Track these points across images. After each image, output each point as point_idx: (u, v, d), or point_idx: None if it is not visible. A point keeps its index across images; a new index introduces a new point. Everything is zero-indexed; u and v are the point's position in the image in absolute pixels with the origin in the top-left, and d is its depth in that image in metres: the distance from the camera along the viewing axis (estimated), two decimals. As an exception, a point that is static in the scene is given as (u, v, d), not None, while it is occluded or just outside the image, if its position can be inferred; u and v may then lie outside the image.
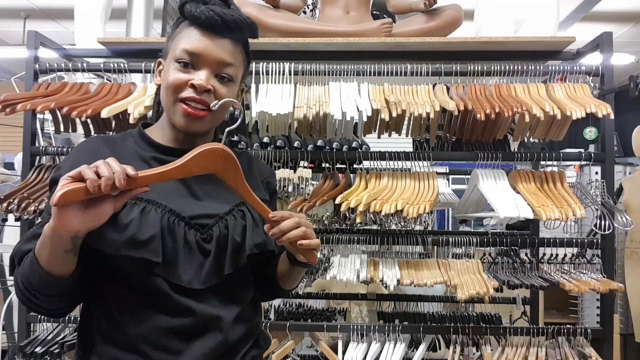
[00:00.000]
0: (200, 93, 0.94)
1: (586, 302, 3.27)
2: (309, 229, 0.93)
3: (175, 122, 0.97)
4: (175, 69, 0.95)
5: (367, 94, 1.92)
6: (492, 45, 2.05)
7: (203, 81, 0.93)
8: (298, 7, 2.20)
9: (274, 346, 1.98)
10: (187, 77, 0.94)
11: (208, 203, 0.98)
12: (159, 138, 1.01)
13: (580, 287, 1.81)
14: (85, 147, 0.98)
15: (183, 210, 0.94)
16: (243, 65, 1.02)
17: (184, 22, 0.98)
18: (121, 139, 1.02)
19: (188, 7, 0.95)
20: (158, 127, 1.04)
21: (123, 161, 0.88)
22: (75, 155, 0.96)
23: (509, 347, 1.95)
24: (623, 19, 5.01)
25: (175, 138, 1.01)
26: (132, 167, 0.80)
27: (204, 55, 0.94)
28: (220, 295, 0.97)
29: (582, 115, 1.77)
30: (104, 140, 1.01)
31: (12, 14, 5.28)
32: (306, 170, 1.96)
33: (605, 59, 1.97)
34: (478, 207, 2.19)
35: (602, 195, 1.96)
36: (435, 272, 1.96)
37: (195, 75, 0.94)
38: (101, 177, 0.75)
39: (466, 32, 2.07)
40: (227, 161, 0.88)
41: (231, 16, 0.95)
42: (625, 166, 3.65)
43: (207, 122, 0.98)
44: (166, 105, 0.98)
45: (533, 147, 2.37)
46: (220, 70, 0.96)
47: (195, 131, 0.98)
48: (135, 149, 0.99)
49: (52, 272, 0.83)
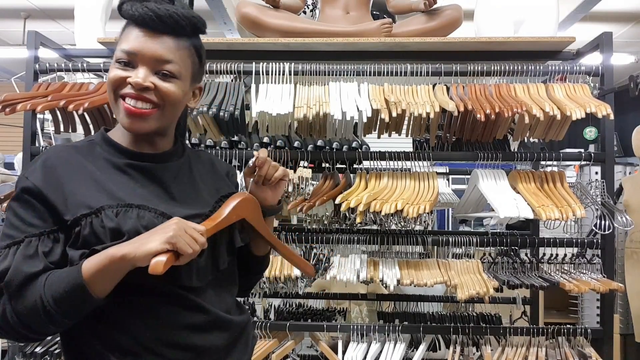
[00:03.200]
0: (139, 90, 0.93)
1: (586, 302, 3.27)
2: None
3: (121, 122, 0.96)
4: (115, 69, 0.95)
5: (367, 94, 1.92)
6: (492, 45, 2.05)
7: (140, 79, 0.92)
8: (298, 7, 2.20)
9: (274, 346, 1.98)
10: (125, 74, 0.93)
11: (191, 204, 1.00)
12: (122, 141, 0.99)
13: (580, 287, 1.81)
14: (55, 157, 0.94)
15: (173, 212, 0.94)
16: (191, 63, 0.99)
17: (127, 23, 0.97)
18: (87, 147, 0.98)
19: (125, 6, 0.95)
20: (119, 128, 1.00)
21: (98, 171, 0.93)
22: (43, 166, 0.92)
23: (509, 347, 1.95)
24: (623, 19, 5.01)
25: (134, 139, 0.99)
26: (202, 227, 0.89)
27: (140, 53, 0.93)
28: (215, 289, 1.00)
29: (582, 115, 1.77)
30: (73, 148, 0.97)
31: (12, 14, 5.28)
32: (306, 170, 1.96)
33: (605, 59, 1.97)
34: (478, 207, 2.19)
35: (602, 195, 1.96)
36: (435, 272, 1.96)
37: (133, 73, 0.93)
38: (190, 251, 0.84)
39: (466, 32, 2.07)
40: (255, 207, 1.04)
41: (166, 11, 0.93)
42: (625, 166, 3.65)
43: (152, 120, 0.95)
44: (111, 105, 0.98)
45: (533, 147, 2.37)
46: (160, 67, 0.94)
47: (141, 131, 0.95)
48: (105, 157, 0.97)
49: (100, 296, 0.85)
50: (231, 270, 1.06)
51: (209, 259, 0.97)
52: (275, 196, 1.11)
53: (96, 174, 0.93)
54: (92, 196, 0.90)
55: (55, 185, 0.90)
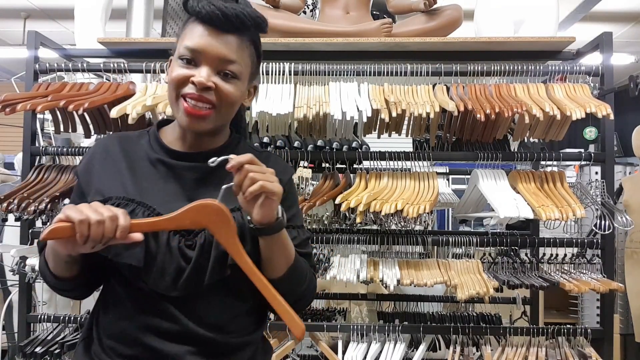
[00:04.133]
0: (201, 90, 0.91)
1: (586, 302, 3.27)
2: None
3: (179, 120, 0.96)
4: (178, 66, 0.93)
5: (367, 94, 1.92)
6: (492, 45, 2.05)
7: (203, 78, 0.90)
8: (298, 7, 2.20)
9: (273, 346, 1.98)
10: (188, 72, 0.92)
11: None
12: (170, 137, 1.02)
13: (580, 287, 1.81)
14: (102, 145, 1.02)
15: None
16: (251, 62, 0.99)
17: (190, 19, 0.95)
18: (137, 137, 1.03)
19: (191, 2, 0.93)
20: (172, 125, 1.04)
21: (132, 162, 0.96)
22: (91, 152, 1.02)
23: (509, 347, 1.95)
24: (623, 19, 5.01)
25: (183, 137, 1.00)
26: (125, 212, 0.81)
27: (205, 52, 0.91)
28: (211, 300, 0.95)
29: (582, 115, 1.77)
30: (119, 138, 1.03)
31: (12, 14, 5.28)
32: (306, 170, 1.96)
33: (605, 59, 1.97)
34: (478, 207, 2.19)
35: (602, 195, 1.96)
36: (435, 272, 1.96)
37: (197, 71, 0.92)
38: (90, 227, 0.77)
39: (466, 32, 2.07)
40: (219, 217, 0.85)
41: (233, 10, 0.91)
42: (625, 166, 3.65)
43: (210, 121, 0.94)
44: (170, 102, 0.97)
45: (533, 147, 2.37)
46: (223, 67, 0.93)
47: (199, 130, 0.95)
48: (146, 150, 1.00)
49: (57, 275, 0.94)
50: (239, 284, 0.94)
51: (193, 270, 0.91)
52: (260, 214, 0.87)
53: (123, 165, 0.97)
54: (109, 185, 0.95)
55: (88, 171, 0.98)
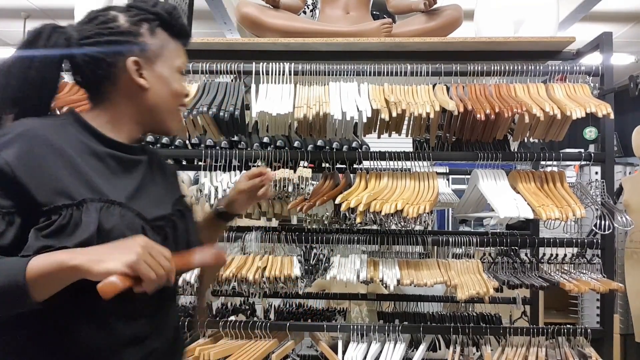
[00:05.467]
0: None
1: (586, 302, 3.27)
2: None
3: (171, 127, 1.04)
4: (180, 79, 1.03)
5: (367, 94, 1.92)
6: (492, 45, 2.05)
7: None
8: (298, 7, 2.20)
9: (273, 346, 1.98)
10: (186, 88, 1.05)
11: (158, 203, 1.00)
12: (108, 132, 0.96)
13: (580, 287, 1.81)
14: (36, 136, 0.86)
15: (147, 213, 0.93)
16: None
17: (164, 28, 1.00)
18: (61, 127, 0.92)
19: (180, 22, 1.02)
20: (105, 120, 0.97)
21: (77, 156, 0.88)
22: (25, 144, 0.84)
23: (509, 347, 1.95)
24: (623, 19, 5.00)
25: (132, 135, 1.00)
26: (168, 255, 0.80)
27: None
28: (166, 294, 0.98)
29: (582, 115, 1.77)
30: (50, 127, 0.90)
31: (12, 14, 5.27)
32: (306, 170, 1.96)
33: (605, 59, 1.96)
34: (478, 207, 2.19)
35: (602, 195, 1.95)
36: (435, 272, 1.95)
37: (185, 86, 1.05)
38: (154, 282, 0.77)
39: (466, 32, 2.07)
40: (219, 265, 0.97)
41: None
42: (625, 166, 3.65)
43: None
44: (166, 110, 1.01)
45: (533, 147, 2.37)
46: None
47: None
48: (84, 141, 0.92)
49: (38, 299, 0.78)
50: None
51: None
52: (244, 210, 1.28)
53: (75, 160, 0.88)
54: (73, 185, 0.85)
55: (32, 166, 0.83)
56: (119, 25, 0.95)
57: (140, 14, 0.97)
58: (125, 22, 0.96)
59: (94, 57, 0.94)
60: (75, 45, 0.94)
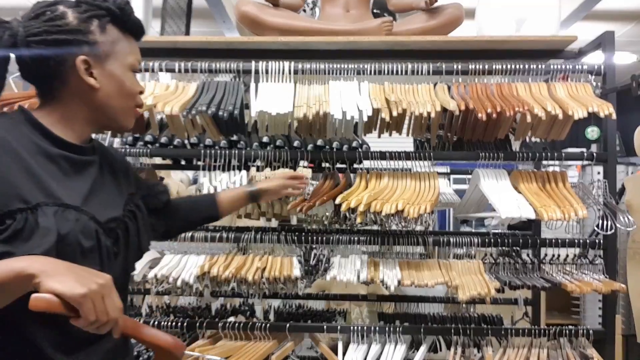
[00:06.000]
0: None
1: (588, 303, 3.25)
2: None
3: (124, 125, 1.03)
4: (132, 77, 1.01)
5: (367, 93, 1.91)
6: (493, 44, 2.03)
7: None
8: (298, 6, 2.19)
9: (273, 347, 1.97)
10: (139, 85, 1.04)
11: (110, 205, 0.99)
12: (58, 132, 0.93)
13: (582, 287, 1.80)
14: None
15: (100, 215, 0.93)
16: None
17: (115, 25, 0.97)
18: (11, 125, 0.89)
19: (133, 18, 1.00)
20: (56, 119, 0.94)
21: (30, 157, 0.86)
22: None
23: (510, 348, 1.94)
24: (625, 18, 4.99)
25: (84, 135, 0.98)
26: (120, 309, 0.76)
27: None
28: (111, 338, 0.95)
29: (584, 114, 1.76)
30: (2, 127, 0.88)
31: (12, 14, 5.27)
32: (306, 170, 1.95)
33: (607, 58, 1.95)
34: (479, 207, 2.18)
35: (604, 196, 1.94)
36: (436, 273, 1.94)
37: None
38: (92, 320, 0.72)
39: (467, 31, 2.06)
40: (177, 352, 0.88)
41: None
42: (628, 166, 3.64)
43: None
44: (119, 109, 1.00)
45: (535, 147, 2.36)
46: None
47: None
48: (35, 141, 0.89)
49: None
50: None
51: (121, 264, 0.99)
52: (273, 199, 1.66)
53: (29, 163, 0.85)
54: (26, 188, 0.83)
55: None
56: (68, 22, 0.91)
57: (90, 9, 0.93)
58: (75, 19, 0.92)
59: (42, 56, 0.90)
60: (22, 42, 0.90)
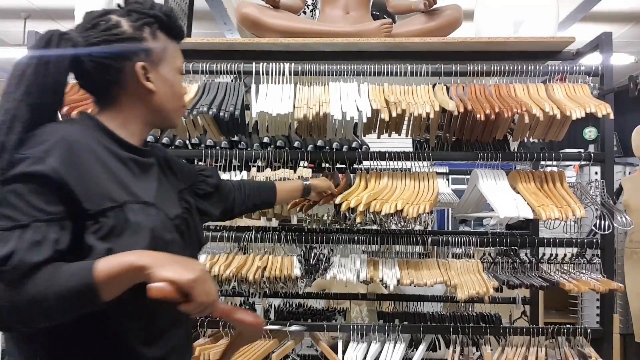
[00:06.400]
0: None
1: (586, 302, 3.27)
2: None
3: (177, 123, 1.11)
4: (180, 79, 1.08)
5: (367, 94, 1.92)
6: (491, 45, 2.05)
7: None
8: (298, 8, 2.20)
9: (273, 346, 1.98)
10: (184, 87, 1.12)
11: (173, 203, 1.06)
12: (122, 135, 0.99)
13: (580, 287, 1.81)
14: (77, 141, 0.89)
15: (169, 213, 1.00)
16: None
17: (162, 31, 1.03)
18: (87, 131, 0.94)
19: (178, 23, 1.06)
20: (118, 123, 0.99)
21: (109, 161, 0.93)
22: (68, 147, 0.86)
23: (508, 347, 1.95)
24: (623, 19, 5.00)
25: (142, 136, 1.05)
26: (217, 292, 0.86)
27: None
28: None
29: (582, 115, 1.77)
30: (81, 133, 0.92)
31: (12, 14, 5.27)
32: (306, 170, 1.96)
33: (605, 59, 1.97)
34: (478, 207, 2.19)
35: (601, 195, 1.95)
36: (435, 272, 1.96)
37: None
38: (202, 301, 0.82)
39: (466, 32, 2.07)
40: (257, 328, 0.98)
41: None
42: (625, 166, 3.66)
43: None
44: (172, 109, 1.07)
45: (533, 147, 2.37)
46: None
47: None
48: (107, 145, 0.95)
49: (106, 300, 0.81)
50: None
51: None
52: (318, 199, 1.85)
53: (110, 165, 0.92)
54: (112, 188, 0.90)
55: (77, 171, 0.85)
56: (124, 31, 0.97)
57: (141, 17, 0.99)
58: (129, 27, 0.98)
59: (103, 63, 0.96)
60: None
